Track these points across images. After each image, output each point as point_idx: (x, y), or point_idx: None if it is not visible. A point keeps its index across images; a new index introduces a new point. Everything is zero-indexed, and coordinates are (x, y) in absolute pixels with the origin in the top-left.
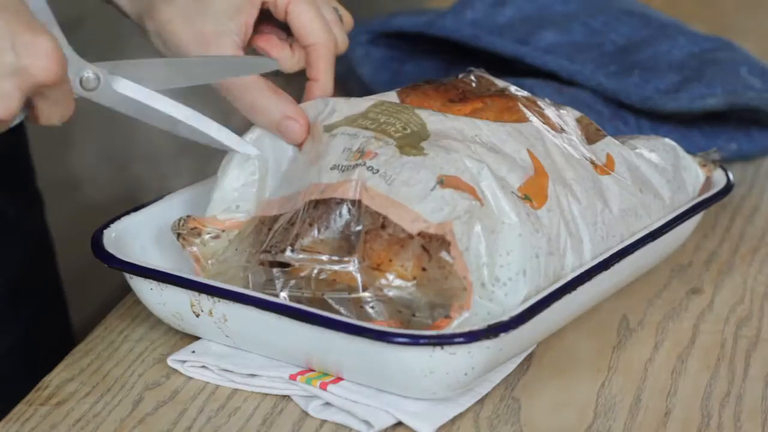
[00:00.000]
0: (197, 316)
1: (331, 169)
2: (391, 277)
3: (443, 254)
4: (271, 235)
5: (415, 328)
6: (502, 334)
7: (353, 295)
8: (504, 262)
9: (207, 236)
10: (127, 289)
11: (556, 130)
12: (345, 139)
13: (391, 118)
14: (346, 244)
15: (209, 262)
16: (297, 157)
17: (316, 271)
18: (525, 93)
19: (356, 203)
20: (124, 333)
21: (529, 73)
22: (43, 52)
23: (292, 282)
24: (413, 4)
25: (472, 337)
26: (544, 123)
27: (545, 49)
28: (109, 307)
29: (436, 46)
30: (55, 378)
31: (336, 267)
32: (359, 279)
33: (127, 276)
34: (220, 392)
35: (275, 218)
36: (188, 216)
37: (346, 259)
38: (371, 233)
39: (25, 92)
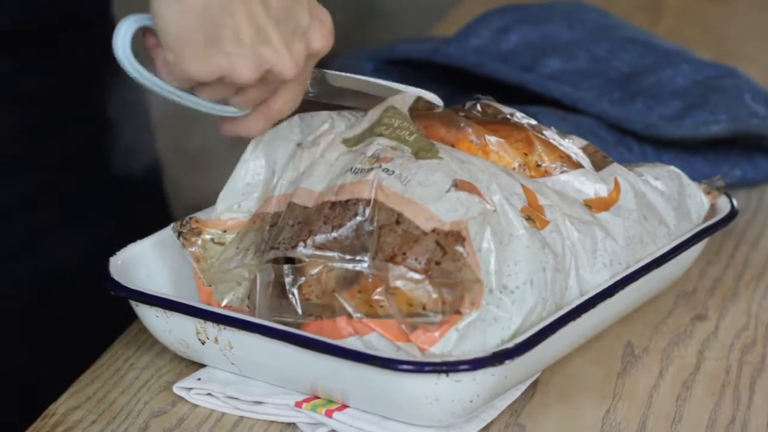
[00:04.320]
0: (203, 343)
1: (345, 171)
2: (404, 269)
3: (458, 248)
4: (277, 231)
5: (424, 324)
6: (507, 361)
7: (362, 317)
8: (512, 272)
9: (208, 237)
10: (133, 316)
11: (550, 172)
12: (361, 147)
13: (405, 122)
14: (359, 244)
15: (209, 261)
16: (297, 155)
17: (328, 267)
18: (531, 121)
19: (371, 203)
20: (130, 361)
21: (533, 101)
22: (328, 21)
23: (302, 279)
24: (418, 32)
25: (477, 364)
26: (545, 157)
27: (549, 75)
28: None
29: (441, 73)
30: (61, 406)
31: (348, 265)
32: (370, 278)
33: (133, 303)
34: (225, 420)
35: (277, 215)
36: (191, 217)
37: (358, 257)
38: (385, 228)
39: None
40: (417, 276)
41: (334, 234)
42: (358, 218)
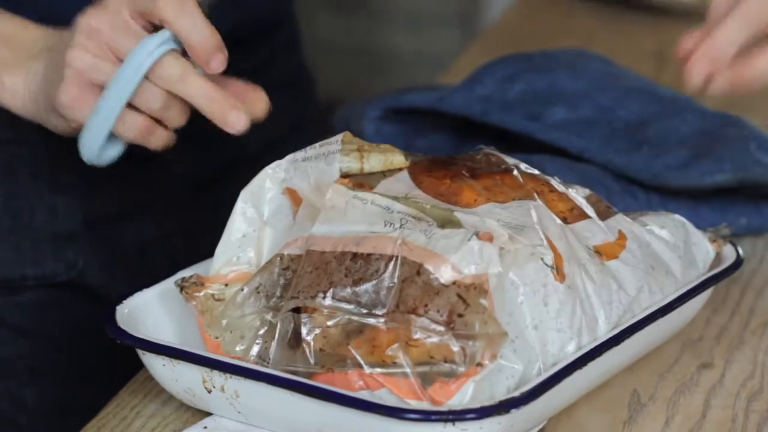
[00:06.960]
0: (209, 392)
1: (366, 225)
2: (426, 321)
3: (482, 300)
4: (296, 280)
5: (444, 375)
6: (513, 410)
7: (373, 372)
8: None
9: (210, 292)
10: (140, 365)
11: (562, 217)
12: (380, 210)
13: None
14: (378, 299)
15: (218, 311)
16: (305, 208)
17: (345, 320)
18: (535, 171)
19: (395, 260)
20: (137, 409)
21: (539, 149)
22: None
23: (318, 330)
24: (422, 81)
25: (483, 412)
26: (550, 209)
27: (554, 125)
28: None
29: (447, 121)
30: None
31: (365, 319)
32: (385, 332)
33: (140, 352)
34: None
35: (289, 257)
36: (193, 274)
37: (374, 311)
38: (407, 281)
39: None
40: (439, 328)
41: (356, 288)
42: (381, 275)
